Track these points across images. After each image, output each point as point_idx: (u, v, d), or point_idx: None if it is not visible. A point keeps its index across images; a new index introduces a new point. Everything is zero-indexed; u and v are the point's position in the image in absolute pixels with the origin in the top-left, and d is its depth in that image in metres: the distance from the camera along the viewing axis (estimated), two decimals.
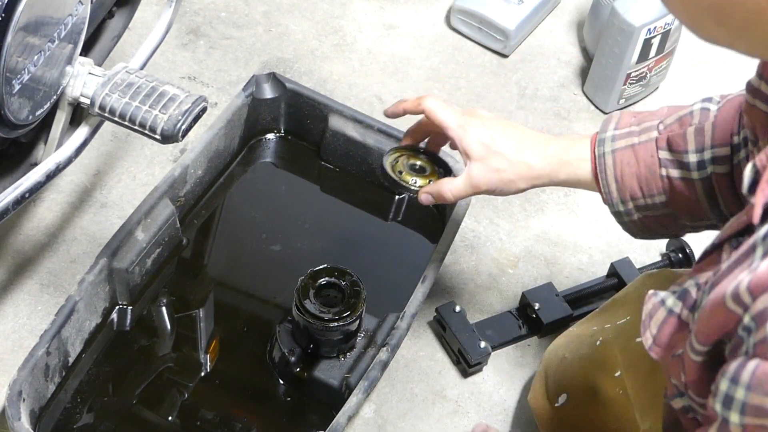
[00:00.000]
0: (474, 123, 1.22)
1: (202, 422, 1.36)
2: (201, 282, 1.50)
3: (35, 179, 1.21)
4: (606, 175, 1.19)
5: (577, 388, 1.28)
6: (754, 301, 0.74)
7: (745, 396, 0.74)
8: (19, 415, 1.19)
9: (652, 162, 1.16)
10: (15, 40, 1.10)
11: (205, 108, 1.26)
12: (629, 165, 1.17)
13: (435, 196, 1.26)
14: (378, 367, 1.30)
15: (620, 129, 1.19)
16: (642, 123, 1.19)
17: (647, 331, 0.92)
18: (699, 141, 1.13)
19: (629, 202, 1.19)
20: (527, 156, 1.21)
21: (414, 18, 1.91)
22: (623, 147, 1.18)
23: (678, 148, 1.15)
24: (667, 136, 1.15)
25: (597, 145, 1.19)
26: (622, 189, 1.18)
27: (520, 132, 1.23)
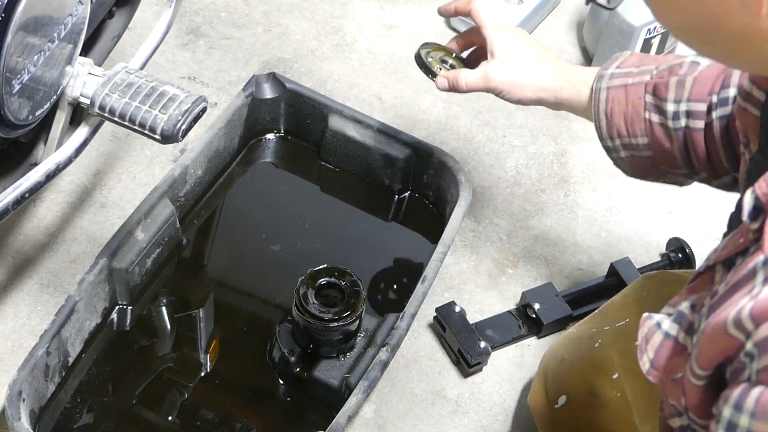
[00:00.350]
0: (508, 30, 1.34)
1: (202, 422, 1.36)
2: (201, 282, 1.51)
3: (35, 179, 1.21)
4: (598, 109, 1.25)
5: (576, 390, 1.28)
6: (757, 329, 0.74)
7: (749, 424, 0.74)
8: (19, 415, 1.19)
9: (638, 104, 1.22)
10: (15, 40, 1.10)
11: (205, 108, 1.26)
12: (619, 103, 1.23)
13: (451, 81, 1.34)
14: (378, 367, 1.30)
15: (622, 68, 1.25)
16: (642, 65, 1.24)
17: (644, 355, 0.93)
18: (678, 92, 1.18)
19: (616, 139, 1.24)
20: (540, 67, 1.31)
21: (414, 18, 1.91)
22: (617, 85, 1.24)
23: (660, 95, 1.20)
24: (655, 81, 1.21)
25: (596, 79, 1.26)
26: (610, 125, 1.24)
27: (543, 50, 1.34)
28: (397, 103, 1.77)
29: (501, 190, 1.68)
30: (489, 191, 1.68)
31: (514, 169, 1.71)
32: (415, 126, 1.73)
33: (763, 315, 0.74)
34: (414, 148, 1.55)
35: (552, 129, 1.77)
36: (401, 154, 1.56)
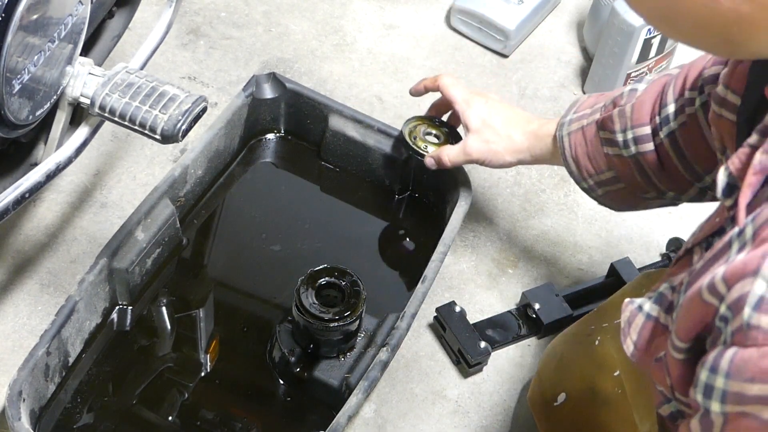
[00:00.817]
0: (477, 100, 1.43)
1: (202, 422, 1.36)
2: (201, 282, 1.51)
3: (35, 179, 1.21)
4: (565, 156, 1.32)
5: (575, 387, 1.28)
6: (729, 290, 0.75)
7: (724, 384, 0.75)
8: (19, 415, 1.19)
9: (595, 141, 1.28)
10: (15, 40, 1.10)
11: (205, 108, 1.26)
12: (580, 145, 1.30)
13: (436, 160, 1.45)
14: (378, 367, 1.30)
15: (577, 112, 1.33)
16: (595, 105, 1.30)
17: (627, 338, 0.94)
18: (622, 122, 1.24)
19: (588, 179, 1.31)
20: (512, 131, 1.39)
21: (414, 18, 1.91)
22: (575, 129, 1.31)
23: (609, 128, 1.26)
24: (603, 117, 1.27)
25: (558, 128, 1.34)
26: (579, 168, 1.31)
27: (513, 112, 1.42)
28: (397, 103, 1.77)
29: (501, 190, 1.68)
30: (489, 191, 1.68)
31: (514, 169, 1.71)
32: None
33: (735, 277, 0.74)
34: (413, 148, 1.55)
35: None
36: (401, 154, 1.56)
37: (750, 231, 0.77)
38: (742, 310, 0.73)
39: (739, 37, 0.79)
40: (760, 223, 0.76)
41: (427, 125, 1.51)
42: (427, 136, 1.50)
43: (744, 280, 0.74)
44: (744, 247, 0.77)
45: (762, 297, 0.72)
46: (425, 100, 1.79)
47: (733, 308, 0.74)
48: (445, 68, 1.83)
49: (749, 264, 0.74)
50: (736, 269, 0.75)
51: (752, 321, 0.73)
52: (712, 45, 0.83)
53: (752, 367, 0.73)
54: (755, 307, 0.72)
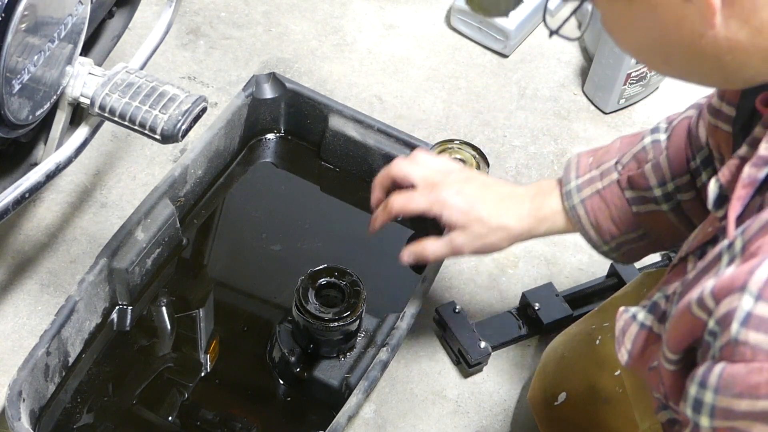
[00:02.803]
0: (448, 194, 1.24)
1: (202, 422, 1.36)
2: (201, 282, 1.51)
3: (35, 179, 1.21)
4: (582, 224, 1.22)
5: (576, 387, 1.28)
6: (718, 305, 0.75)
7: (713, 399, 0.75)
8: (19, 415, 1.19)
9: (621, 203, 1.19)
10: (15, 40, 1.10)
11: (205, 108, 1.26)
12: (601, 210, 1.20)
13: (417, 256, 1.29)
14: (378, 367, 1.30)
15: (582, 176, 1.22)
16: (600, 165, 1.21)
17: (622, 347, 0.94)
18: (659, 176, 1.16)
19: (611, 242, 1.22)
20: (505, 219, 1.23)
21: (414, 18, 1.91)
22: (590, 195, 1.21)
23: (641, 186, 1.17)
24: (627, 176, 1.18)
25: (565, 198, 1.22)
26: (602, 232, 1.21)
27: (495, 192, 1.25)
28: (397, 103, 1.77)
29: None
30: None
31: (514, 169, 1.71)
32: (415, 126, 1.73)
33: (723, 291, 0.75)
34: (414, 148, 1.55)
35: (552, 129, 1.77)
36: (401, 154, 1.55)
37: (739, 244, 0.77)
38: (730, 325, 0.73)
39: (732, 65, 0.79)
40: (748, 237, 0.76)
41: (451, 151, 1.47)
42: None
43: (731, 296, 0.74)
44: (733, 260, 0.77)
45: (749, 313, 0.72)
46: (426, 101, 1.79)
47: (721, 323, 0.75)
48: (445, 68, 1.83)
49: (737, 279, 0.74)
50: (723, 284, 0.75)
51: (740, 337, 0.73)
52: (705, 76, 0.83)
53: (740, 383, 0.73)
54: (743, 323, 0.73)
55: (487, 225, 1.23)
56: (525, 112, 1.79)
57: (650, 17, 0.79)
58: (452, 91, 1.81)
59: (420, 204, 1.25)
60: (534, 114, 1.79)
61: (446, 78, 1.82)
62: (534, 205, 1.24)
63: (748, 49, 0.77)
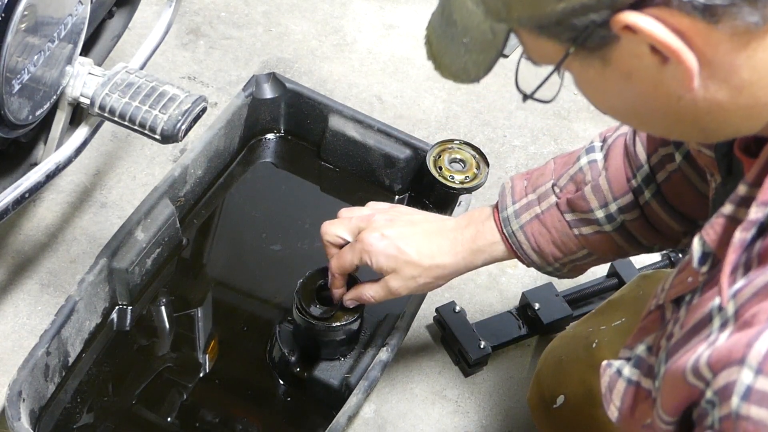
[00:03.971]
0: (372, 240, 1.19)
1: (202, 422, 1.36)
2: (201, 282, 1.51)
3: (35, 179, 1.21)
4: (523, 249, 1.19)
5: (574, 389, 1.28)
6: (715, 377, 0.74)
7: None
8: (19, 415, 1.19)
9: (562, 226, 1.16)
10: (15, 40, 1.10)
11: (205, 108, 1.26)
12: (542, 234, 1.17)
13: (357, 300, 1.26)
14: (378, 367, 1.30)
15: (518, 201, 1.19)
16: (537, 188, 1.18)
17: (611, 404, 0.93)
18: (600, 197, 1.14)
19: (555, 263, 1.20)
20: (438, 258, 1.18)
21: (414, 18, 1.91)
22: (529, 220, 1.17)
23: (582, 209, 1.15)
24: (567, 198, 1.16)
25: (503, 225, 1.19)
26: (545, 256, 1.19)
27: (423, 229, 1.20)
28: (397, 103, 1.77)
29: None
30: (489, 191, 1.68)
31: (514, 169, 1.71)
32: (415, 126, 1.74)
33: (720, 363, 0.74)
34: (414, 148, 1.55)
35: (552, 129, 1.77)
36: (401, 154, 1.56)
37: (731, 308, 0.76)
38: (730, 398, 0.72)
39: (712, 125, 0.78)
40: (741, 302, 0.75)
41: (451, 151, 1.49)
42: (452, 164, 1.49)
43: (730, 368, 0.73)
44: (726, 324, 0.76)
45: (750, 387, 0.71)
46: (426, 101, 1.79)
47: (720, 395, 0.74)
48: None
49: (734, 351, 0.73)
50: (721, 356, 0.74)
51: (741, 411, 0.72)
52: (685, 134, 0.82)
53: None
54: (743, 398, 0.72)
55: (419, 266, 1.18)
56: (525, 112, 1.79)
57: (625, 83, 0.77)
58: (452, 91, 1.81)
59: (349, 258, 1.20)
60: (534, 114, 1.79)
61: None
62: (466, 237, 1.19)
63: (728, 109, 0.76)
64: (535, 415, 1.35)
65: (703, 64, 0.73)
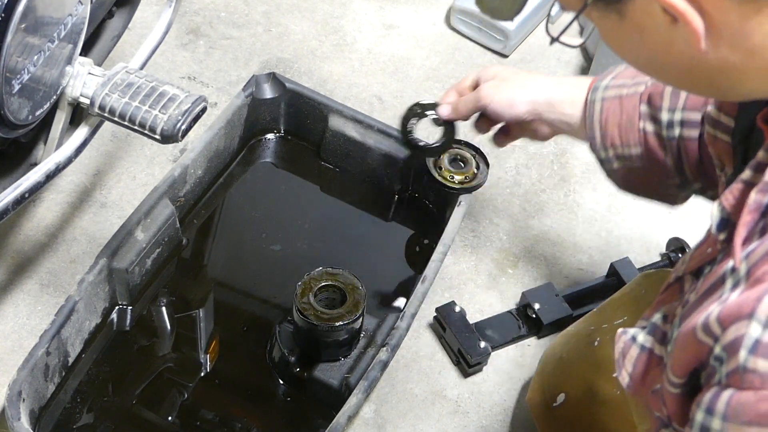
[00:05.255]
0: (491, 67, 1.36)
1: (202, 422, 1.36)
2: (201, 282, 1.50)
3: (35, 179, 1.21)
4: (593, 120, 1.24)
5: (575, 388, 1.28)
6: (724, 332, 0.75)
7: (721, 426, 0.75)
8: (19, 415, 1.19)
9: (633, 113, 1.20)
10: (15, 40, 1.10)
11: (205, 108, 1.26)
12: (613, 113, 1.22)
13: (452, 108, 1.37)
14: (378, 367, 1.30)
15: (617, 80, 1.24)
16: (637, 77, 1.23)
17: (623, 370, 0.94)
18: (673, 101, 1.17)
19: (610, 149, 1.23)
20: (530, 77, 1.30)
21: (414, 18, 1.91)
22: (612, 96, 1.23)
23: (655, 104, 1.19)
24: (650, 91, 1.20)
25: (591, 91, 1.25)
26: (604, 135, 1.23)
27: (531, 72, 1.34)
28: (397, 103, 1.77)
29: (501, 190, 1.68)
30: (489, 191, 1.68)
31: (514, 169, 1.71)
32: None
33: (730, 318, 0.74)
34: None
35: None
36: (401, 154, 1.56)
37: (744, 269, 0.77)
38: (738, 352, 0.73)
39: (727, 83, 0.79)
40: (754, 261, 0.76)
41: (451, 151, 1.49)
42: (452, 164, 1.48)
43: (739, 323, 0.73)
44: (738, 284, 0.77)
45: (758, 340, 0.72)
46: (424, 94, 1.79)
47: (728, 350, 0.74)
48: (445, 68, 1.83)
49: (744, 306, 0.73)
50: (731, 311, 0.74)
51: (748, 364, 0.73)
52: (702, 90, 0.84)
53: (749, 411, 0.73)
54: (751, 351, 0.72)
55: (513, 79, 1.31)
56: None
57: (640, 37, 0.79)
58: None
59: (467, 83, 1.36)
60: None
61: (446, 78, 1.82)
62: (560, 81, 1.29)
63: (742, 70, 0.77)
64: (536, 414, 1.35)
65: (711, 27, 0.75)
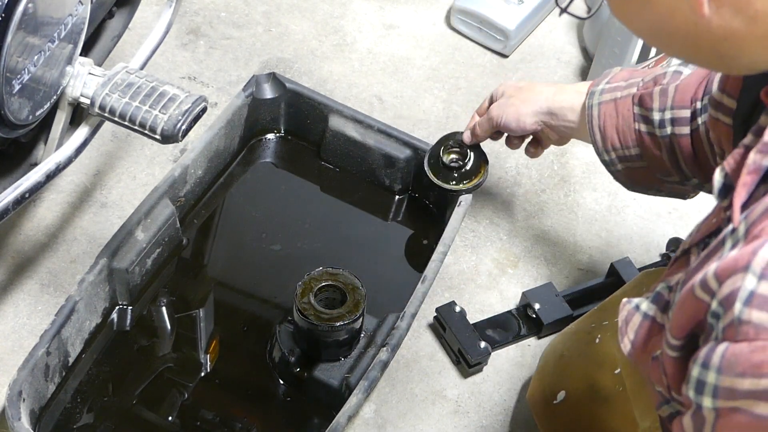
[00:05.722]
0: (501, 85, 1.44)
1: (202, 422, 1.36)
2: (201, 282, 1.50)
3: (35, 179, 1.21)
4: (592, 125, 1.28)
5: (575, 385, 1.28)
6: (721, 286, 0.76)
7: (716, 379, 0.75)
8: (19, 415, 1.19)
9: (628, 115, 1.25)
10: (15, 40, 1.10)
11: (205, 108, 1.26)
12: (610, 117, 1.26)
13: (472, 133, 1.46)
14: (378, 367, 1.30)
15: (611, 83, 1.28)
16: (630, 79, 1.27)
17: (624, 337, 0.95)
18: (662, 101, 1.21)
19: (611, 152, 1.28)
20: (535, 93, 1.37)
21: (414, 18, 1.91)
22: (607, 100, 1.27)
23: (646, 105, 1.23)
24: (641, 92, 1.24)
25: (588, 96, 1.30)
26: (605, 139, 1.27)
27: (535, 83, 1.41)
28: (397, 103, 1.77)
29: (501, 190, 1.68)
30: (489, 191, 1.68)
31: (514, 169, 1.71)
32: (415, 126, 1.74)
33: (726, 272, 0.75)
34: (414, 148, 1.55)
35: None
36: (401, 154, 1.56)
37: (743, 228, 0.77)
38: (733, 305, 0.74)
39: (730, 52, 0.80)
40: (752, 220, 0.77)
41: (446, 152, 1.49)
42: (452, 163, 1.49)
43: (735, 276, 0.74)
44: (737, 244, 0.77)
45: (752, 292, 0.73)
46: (426, 101, 1.79)
47: (724, 304, 0.75)
48: (445, 68, 1.83)
49: (740, 260, 0.74)
50: (727, 265, 0.75)
51: (743, 316, 0.73)
52: (705, 61, 0.84)
53: (743, 362, 0.73)
54: (746, 302, 0.73)
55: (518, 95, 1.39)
56: None
57: (645, 5, 0.81)
58: (452, 91, 1.81)
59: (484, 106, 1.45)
60: None
61: (446, 78, 1.82)
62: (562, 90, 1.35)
63: (745, 37, 0.78)
64: (536, 412, 1.35)
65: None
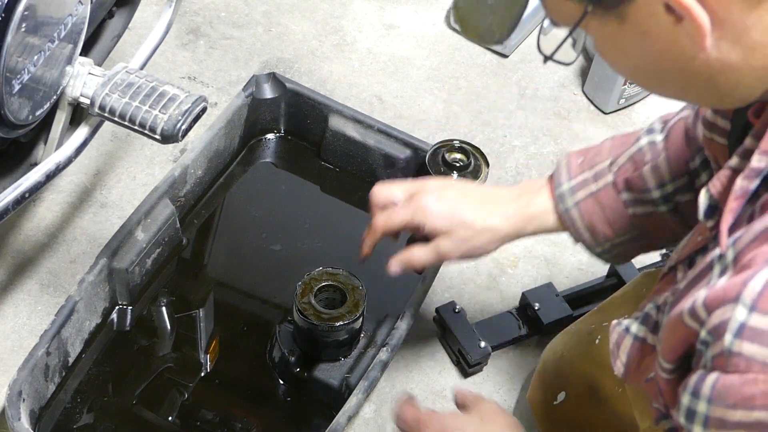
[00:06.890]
0: (428, 201, 1.20)
1: (202, 422, 1.36)
2: (201, 282, 1.50)
3: (35, 179, 1.21)
4: (576, 227, 1.19)
5: (576, 386, 1.28)
6: (710, 316, 0.75)
7: (706, 409, 0.75)
8: (19, 415, 1.19)
9: (616, 205, 1.17)
10: (15, 40, 1.10)
11: (205, 108, 1.26)
12: (596, 213, 1.18)
13: (404, 265, 1.24)
14: (378, 367, 1.30)
15: (574, 178, 1.19)
16: (593, 167, 1.19)
17: (617, 360, 0.95)
18: (658, 178, 1.15)
19: (605, 243, 1.20)
20: (490, 220, 1.19)
21: (414, 18, 1.91)
22: (584, 197, 1.18)
23: (639, 188, 1.15)
24: (624, 178, 1.16)
25: (558, 201, 1.19)
26: (596, 235, 1.19)
27: (477, 194, 1.22)
28: (397, 103, 1.77)
29: None
30: None
31: (514, 169, 1.71)
32: (415, 126, 1.74)
33: (715, 302, 0.75)
34: (414, 148, 1.55)
35: (552, 129, 1.77)
36: (401, 154, 1.56)
37: (731, 255, 0.77)
38: (723, 336, 0.74)
39: (726, 86, 0.79)
40: (740, 248, 0.76)
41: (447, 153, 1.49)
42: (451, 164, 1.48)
43: (724, 306, 0.74)
44: (725, 270, 0.77)
45: (743, 324, 0.73)
46: (426, 101, 1.79)
47: (713, 333, 0.75)
48: (445, 68, 1.84)
49: (729, 290, 0.74)
50: (716, 295, 0.75)
51: (734, 348, 0.73)
52: (696, 96, 0.83)
53: (734, 394, 0.73)
54: (736, 334, 0.73)
55: (472, 228, 1.19)
56: (525, 112, 1.79)
57: (641, 41, 0.79)
58: (452, 91, 1.81)
59: (401, 216, 1.21)
60: (534, 114, 1.79)
61: (446, 78, 1.82)
62: (520, 204, 1.20)
63: (741, 69, 0.77)
64: (536, 412, 1.35)
65: (715, 23, 0.75)
